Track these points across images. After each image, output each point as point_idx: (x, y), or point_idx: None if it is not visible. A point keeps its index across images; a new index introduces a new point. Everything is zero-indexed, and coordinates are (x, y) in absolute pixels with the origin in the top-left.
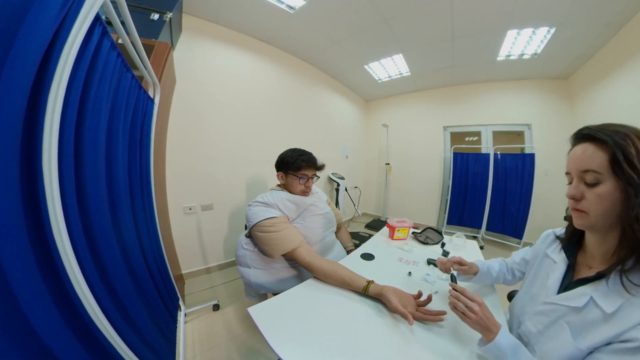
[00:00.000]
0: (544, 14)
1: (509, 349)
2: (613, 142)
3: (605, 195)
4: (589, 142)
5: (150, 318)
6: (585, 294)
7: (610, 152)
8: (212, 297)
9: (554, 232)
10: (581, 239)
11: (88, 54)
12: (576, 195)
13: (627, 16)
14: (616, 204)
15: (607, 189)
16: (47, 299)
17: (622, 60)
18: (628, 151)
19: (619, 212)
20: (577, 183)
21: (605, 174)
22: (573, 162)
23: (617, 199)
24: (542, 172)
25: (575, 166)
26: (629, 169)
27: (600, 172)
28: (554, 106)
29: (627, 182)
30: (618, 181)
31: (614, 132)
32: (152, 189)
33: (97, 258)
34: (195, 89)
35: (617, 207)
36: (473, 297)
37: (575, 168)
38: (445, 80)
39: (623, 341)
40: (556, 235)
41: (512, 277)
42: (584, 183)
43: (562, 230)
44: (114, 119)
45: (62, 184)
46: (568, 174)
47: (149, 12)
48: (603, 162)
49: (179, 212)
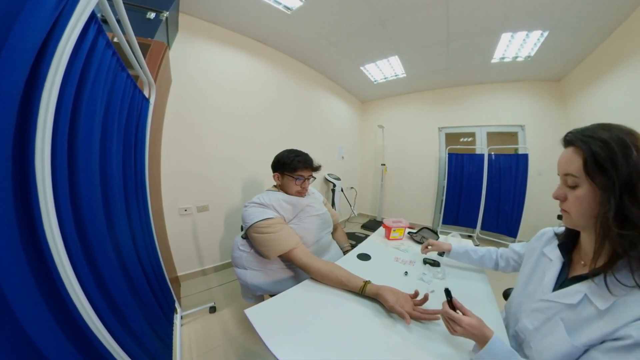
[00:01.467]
0: (538, 17)
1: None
2: (586, 147)
3: (582, 197)
4: (571, 146)
5: (146, 321)
6: (580, 291)
7: (583, 158)
8: (208, 299)
9: (553, 230)
10: (577, 237)
11: (83, 52)
12: (559, 197)
13: (618, 20)
14: (592, 205)
15: (584, 192)
16: (40, 303)
17: (613, 63)
18: (599, 156)
19: (596, 213)
20: (561, 185)
21: (581, 177)
22: (558, 165)
23: (592, 201)
24: (535, 172)
25: (559, 169)
26: (599, 174)
27: (577, 175)
28: (546, 108)
29: (600, 186)
30: (592, 185)
31: (589, 137)
32: (147, 189)
33: (91, 260)
34: (191, 89)
35: (594, 209)
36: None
37: (560, 171)
38: (440, 82)
39: (616, 339)
40: (555, 233)
41: (506, 265)
42: (566, 185)
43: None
44: (109, 119)
45: (55, 184)
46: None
47: (145, 10)
48: (579, 166)
49: (174, 214)
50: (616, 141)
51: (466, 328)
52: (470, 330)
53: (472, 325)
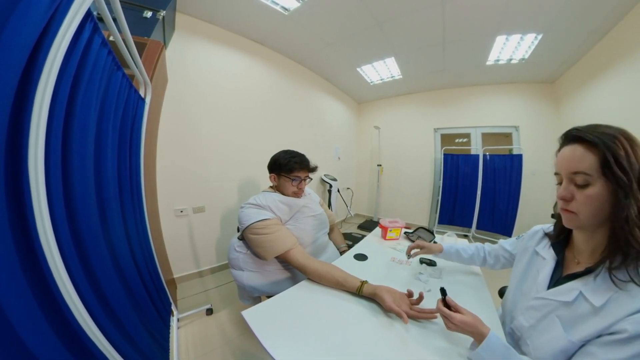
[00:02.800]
0: (532, 20)
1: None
2: (603, 144)
3: (594, 196)
4: (578, 143)
5: (142, 324)
6: (575, 289)
7: (601, 155)
8: (205, 301)
9: (542, 228)
10: (569, 236)
11: (78, 50)
12: (566, 197)
13: (611, 24)
14: (605, 205)
15: (597, 190)
16: (34, 306)
17: (606, 66)
18: (618, 153)
19: (607, 212)
20: (567, 184)
21: (595, 175)
22: (563, 164)
23: (606, 200)
24: (530, 172)
25: (565, 167)
26: (618, 171)
27: (590, 174)
28: (540, 109)
29: (616, 183)
30: (607, 183)
31: (602, 134)
32: (142, 191)
33: (85, 263)
34: (188, 89)
35: (606, 208)
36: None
37: (565, 169)
38: (436, 84)
39: (612, 333)
40: (545, 232)
41: (495, 262)
42: (573, 184)
43: (550, 226)
44: (104, 119)
45: (49, 185)
46: (557, 174)
47: (142, 9)
48: (593, 164)
49: (170, 215)
50: (625, 137)
51: (458, 325)
52: (463, 326)
53: (464, 322)
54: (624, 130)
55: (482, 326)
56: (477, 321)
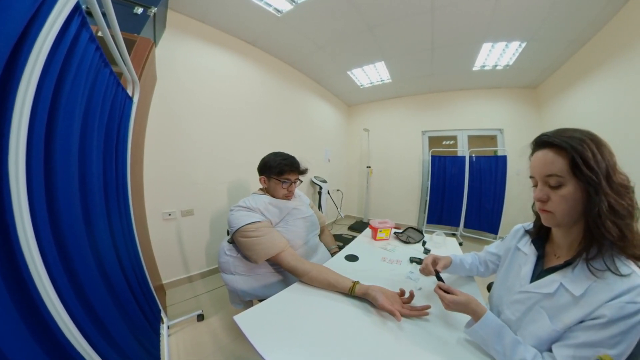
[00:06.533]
0: (517, 30)
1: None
2: (571, 147)
3: (568, 196)
4: (548, 148)
5: (131, 333)
6: (555, 281)
7: (570, 157)
8: (195, 307)
9: (523, 227)
10: (548, 232)
11: (64, 45)
12: (542, 198)
13: (589, 34)
14: (578, 202)
15: (570, 190)
16: (14, 315)
17: (585, 73)
18: (585, 155)
19: (581, 209)
20: (542, 186)
21: (566, 177)
22: (536, 168)
23: (579, 198)
24: (514, 172)
25: (538, 171)
26: (587, 171)
27: (562, 175)
28: (524, 112)
29: (587, 182)
30: (579, 182)
31: (570, 138)
32: (128, 193)
33: (69, 268)
34: (177, 88)
35: (580, 205)
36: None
37: (539, 173)
38: (424, 88)
39: (593, 319)
40: (525, 230)
41: (485, 269)
42: (548, 186)
43: (530, 224)
44: (89, 118)
45: (30, 186)
46: (532, 177)
47: (132, 5)
48: (563, 166)
49: (157, 218)
50: (590, 139)
51: (449, 304)
52: (454, 306)
53: (455, 301)
54: (590, 133)
55: (477, 306)
56: (470, 301)
